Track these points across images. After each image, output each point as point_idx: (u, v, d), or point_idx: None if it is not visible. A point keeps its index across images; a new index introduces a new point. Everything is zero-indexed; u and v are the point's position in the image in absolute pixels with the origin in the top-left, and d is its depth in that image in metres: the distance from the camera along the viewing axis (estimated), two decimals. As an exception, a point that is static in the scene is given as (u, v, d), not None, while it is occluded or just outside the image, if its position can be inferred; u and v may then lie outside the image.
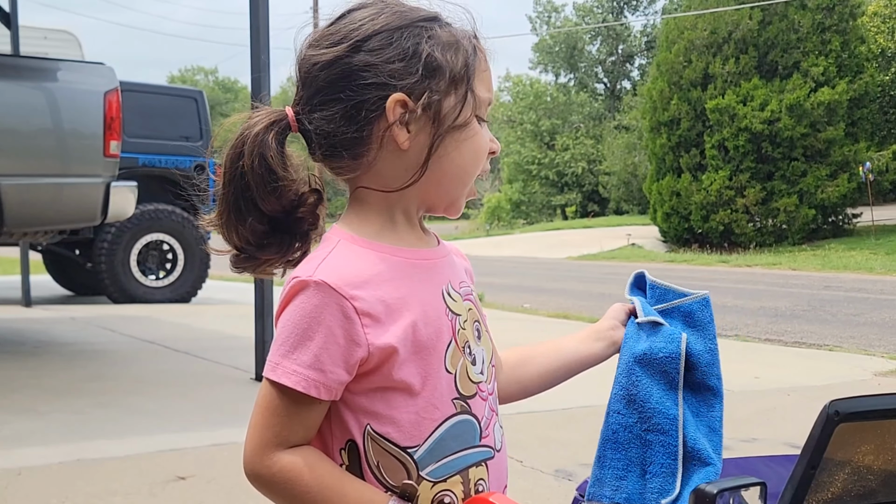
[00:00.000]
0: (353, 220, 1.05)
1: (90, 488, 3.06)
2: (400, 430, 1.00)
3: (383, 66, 1.00)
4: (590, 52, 46.79)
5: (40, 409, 4.20)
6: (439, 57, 1.00)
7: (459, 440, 1.03)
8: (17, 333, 6.73)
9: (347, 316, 0.96)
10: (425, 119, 1.01)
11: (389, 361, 0.98)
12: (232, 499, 2.98)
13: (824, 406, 0.98)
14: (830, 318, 9.16)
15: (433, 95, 1.00)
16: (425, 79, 1.00)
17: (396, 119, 1.00)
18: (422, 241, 1.08)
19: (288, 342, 0.97)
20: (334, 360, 0.96)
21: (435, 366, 1.01)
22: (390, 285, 1.00)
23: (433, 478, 1.01)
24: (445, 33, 1.03)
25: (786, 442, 3.76)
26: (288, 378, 0.96)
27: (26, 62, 5.98)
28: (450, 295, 1.06)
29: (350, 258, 1.00)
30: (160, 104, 10.04)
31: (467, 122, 1.02)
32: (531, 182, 41.16)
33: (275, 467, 0.97)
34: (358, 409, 1.00)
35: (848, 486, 1.03)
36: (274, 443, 0.97)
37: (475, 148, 1.03)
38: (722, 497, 0.97)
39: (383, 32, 1.02)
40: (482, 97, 1.04)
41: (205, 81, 67.68)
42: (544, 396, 1.33)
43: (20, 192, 5.34)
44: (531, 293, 11.79)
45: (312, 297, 0.96)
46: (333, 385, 0.97)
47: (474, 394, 1.05)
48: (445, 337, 1.03)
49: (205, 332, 7.09)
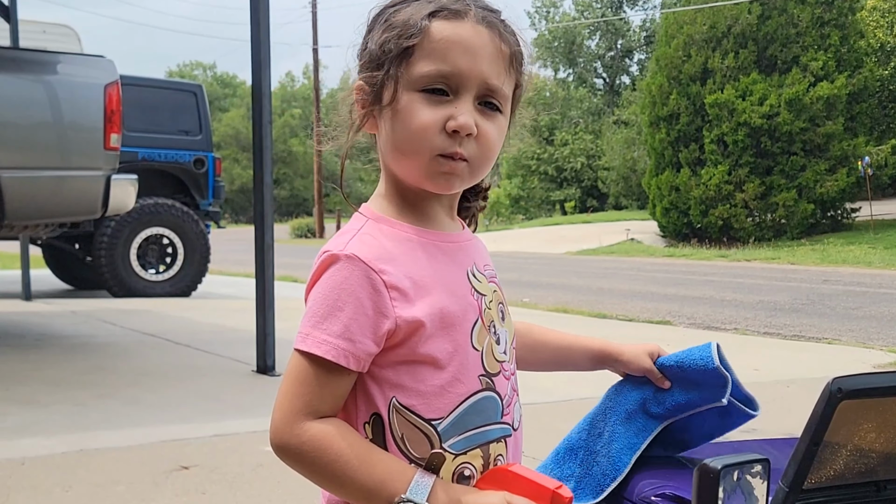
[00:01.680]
0: (379, 200, 1.10)
1: (93, 478, 3.07)
2: (425, 402, 1.02)
3: (363, 53, 1.08)
4: (589, 48, 46.73)
5: (42, 400, 4.21)
6: (373, 45, 1.05)
7: (482, 415, 1.05)
8: (18, 327, 6.74)
9: (376, 288, 0.99)
10: (374, 103, 1.06)
11: (416, 335, 1.01)
12: (235, 488, 3.00)
13: (827, 383, 0.99)
14: (829, 311, 9.17)
15: (370, 80, 1.05)
16: (367, 65, 1.06)
17: (359, 104, 1.07)
18: (442, 223, 1.11)
19: (318, 313, 0.99)
20: (363, 330, 0.99)
21: (462, 342, 1.04)
22: (416, 264, 1.03)
23: (455, 450, 1.03)
24: (399, 16, 1.04)
25: (786, 433, 3.76)
26: (318, 347, 0.98)
27: (27, 55, 5.97)
28: (475, 276, 1.09)
29: (378, 236, 1.03)
30: (160, 98, 10.04)
31: (392, 101, 1.02)
32: (530, 177, 41.12)
33: (304, 436, 0.98)
34: (384, 381, 1.02)
35: (850, 463, 1.04)
36: (304, 412, 0.99)
37: (406, 124, 1.02)
38: (726, 473, 0.98)
39: (375, 20, 1.08)
40: (423, 71, 1.01)
41: (203, 77, 67.59)
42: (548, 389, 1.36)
43: (21, 184, 5.34)
44: (530, 288, 11.80)
45: (343, 269, 0.99)
46: (362, 355, 0.99)
47: (498, 372, 1.08)
48: (471, 315, 1.06)
49: (205, 326, 7.10)
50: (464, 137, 1.02)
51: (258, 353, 5.00)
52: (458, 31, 1.02)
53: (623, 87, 44.72)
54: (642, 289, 11.90)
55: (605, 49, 46.32)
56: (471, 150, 1.03)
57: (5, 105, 5.36)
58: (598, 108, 43.78)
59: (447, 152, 1.02)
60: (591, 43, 46.81)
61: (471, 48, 1.02)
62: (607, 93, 45.93)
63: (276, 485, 3.02)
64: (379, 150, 1.09)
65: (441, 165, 1.03)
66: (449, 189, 1.06)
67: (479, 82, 1.03)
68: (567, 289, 12.02)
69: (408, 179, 1.06)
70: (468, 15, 1.03)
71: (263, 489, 2.98)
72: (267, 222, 5.03)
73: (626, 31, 45.85)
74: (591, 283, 13.04)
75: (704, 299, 10.39)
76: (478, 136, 1.03)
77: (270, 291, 5.03)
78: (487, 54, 1.03)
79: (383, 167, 1.10)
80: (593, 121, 42.21)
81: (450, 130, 1.02)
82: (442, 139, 1.02)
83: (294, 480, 3.02)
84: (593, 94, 45.64)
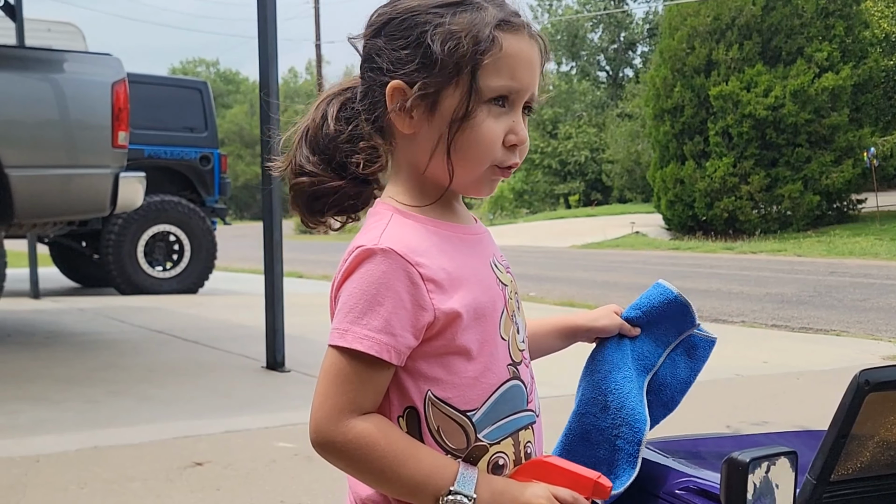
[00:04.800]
0: (399, 195, 1.09)
1: (108, 474, 3.09)
2: (460, 394, 1.03)
3: (391, 52, 1.04)
4: (592, 41, 46.60)
5: (54, 397, 4.23)
6: (437, 47, 1.01)
7: (511, 404, 1.07)
8: (28, 325, 6.77)
9: (414, 281, 0.99)
10: (424, 107, 1.03)
11: (453, 326, 1.01)
12: (249, 483, 3.01)
13: (854, 375, 0.99)
14: (837, 303, 9.16)
15: (428, 86, 1.02)
16: (423, 68, 1.02)
17: (395, 105, 1.04)
18: (461, 217, 1.12)
19: (357, 308, 0.99)
20: (403, 324, 0.99)
21: (491, 332, 1.05)
22: (446, 256, 1.04)
23: (489, 440, 1.04)
24: (459, 21, 1.02)
25: (796, 425, 3.77)
26: (360, 343, 0.98)
27: (34, 54, 5.99)
28: (496, 267, 1.11)
29: (406, 229, 1.04)
30: (165, 95, 10.04)
31: (467, 114, 1.02)
32: (534, 171, 41.04)
33: (350, 434, 0.99)
34: (418, 375, 1.03)
35: (877, 455, 1.05)
36: (348, 409, 0.99)
37: (477, 138, 1.03)
38: (754, 466, 0.98)
39: (399, 18, 1.05)
40: (494, 86, 1.02)
41: (206, 73, 67.56)
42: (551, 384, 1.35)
43: (30, 183, 5.35)
44: (536, 281, 11.80)
45: (380, 263, 0.99)
46: (403, 349, 1.00)
47: (521, 360, 1.10)
48: (499, 305, 1.07)
49: (214, 322, 7.12)
50: (517, 149, 1.07)
51: (268, 348, 5.01)
52: (522, 48, 1.05)
53: (626, 80, 44.59)
54: (648, 282, 11.72)
55: (608, 42, 46.19)
56: (516, 160, 1.08)
57: (14, 104, 5.37)
58: (602, 102, 43.67)
59: (505, 165, 1.06)
60: (594, 36, 46.67)
61: (530, 65, 1.06)
62: (610, 86, 45.82)
63: (290, 480, 3.03)
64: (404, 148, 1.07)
65: (496, 174, 1.07)
66: (490, 194, 1.11)
67: (529, 94, 1.07)
68: (573, 282, 12.01)
69: (454, 184, 1.07)
70: (524, 28, 1.06)
71: (278, 485, 2.99)
72: (275, 218, 5.04)
73: (629, 24, 45.71)
74: (597, 276, 13.03)
75: (711, 292, 10.38)
76: (524, 146, 1.08)
77: (279, 287, 5.04)
78: (537, 68, 1.08)
79: (406, 164, 1.08)
80: (597, 114, 42.10)
81: (509, 145, 1.05)
82: (503, 152, 1.06)
83: (309, 475, 3.04)
84: (596, 87, 45.52)
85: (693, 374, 1.33)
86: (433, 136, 1.04)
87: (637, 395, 1.26)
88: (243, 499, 2.87)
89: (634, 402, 1.25)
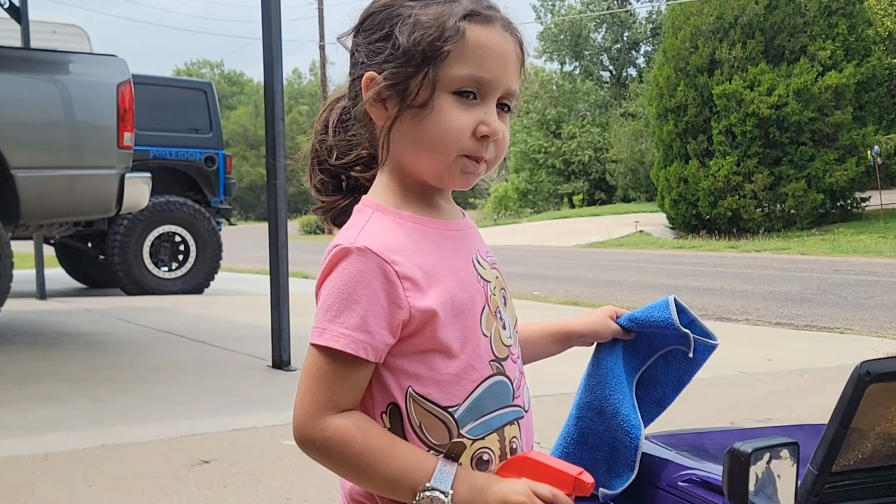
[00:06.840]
0: (381, 191, 1.10)
1: (116, 472, 3.11)
2: (441, 390, 1.04)
3: (367, 46, 1.08)
4: (595, 40, 46.53)
5: (62, 397, 4.25)
6: (403, 38, 1.04)
7: (496, 400, 1.08)
8: (34, 325, 6.79)
9: (389, 279, 1.01)
10: (396, 98, 1.05)
11: (431, 324, 1.02)
12: (256, 481, 3.03)
13: (855, 367, 1.00)
14: (841, 301, 9.16)
15: (397, 75, 1.04)
16: (392, 58, 1.05)
17: (370, 96, 1.06)
18: (445, 212, 1.13)
19: (334, 307, 1.01)
20: (379, 321, 1.00)
21: (472, 329, 1.06)
22: (424, 253, 1.05)
23: (472, 436, 1.05)
24: (428, 12, 1.04)
25: (801, 422, 3.78)
26: (336, 341, 1.00)
27: (40, 55, 6.01)
28: (479, 263, 1.12)
29: (385, 227, 1.05)
30: (170, 97, 10.07)
31: (427, 102, 1.03)
32: (538, 171, 41.02)
33: (328, 431, 1.00)
34: (399, 372, 1.04)
35: (878, 446, 1.06)
36: (326, 407, 1.01)
37: (442, 127, 1.04)
38: (756, 457, 1.00)
39: (377, 13, 1.08)
40: (459, 75, 1.03)
41: (211, 74, 67.64)
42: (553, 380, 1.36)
43: (36, 184, 5.38)
44: (540, 281, 11.81)
45: (356, 262, 1.01)
46: (380, 346, 1.01)
47: (507, 356, 1.11)
48: (479, 302, 1.08)
49: (219, 322, 7.14)
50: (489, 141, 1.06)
51: (273, 348, 5.03)
52: (491, 38, 1.05)
53: (630, 80, 44.54)
54: (653, 280, 11.90)
55: (612, 41, 46.13)
56: (490, 153, 1.07)
57: (20, 105, 5.40)
58: (605, 101, 43.62)
59: (473, 155, 1.06)
60: (597, 35, 46.61)
61: (501, 56, 1.06)
62: (614, 85, 45.78)
63: (297, 477, 3.05)
64: (383, 140, 1.09)
65: (465, 166, 1.07)
66: (466, 187, 1.10)
67: (503, 88, 1.07)
68: (577, 281, 12.02)
69: (425, 175, 1.08)
70: (496, 20, 1.06)
71: (285, 482, 3.01)
72: (280, 218, 5.06)
73: (632, 24, 45.65)
74: (602, 275, 13.03)
75: (715, 290, 10.38)
76: (497, 139, 1.07)
77: (285, 287, 5.06)
78: (511, 61, 1.07)
79: (388, 158, 1.10)
80: (600, 113, 42.07)
81: (480, 135, 1.05)
82: (472, 142, 1.05)
83: (316, 472, 3.05)
84: (600, 86, 45.46)
85: (688, 374, 1.32)
86: (405, 126, 1.06)
87: (631, 402, 1.27)
88: (250, 496, 2.89)
89: (628, 408, 1.26)
